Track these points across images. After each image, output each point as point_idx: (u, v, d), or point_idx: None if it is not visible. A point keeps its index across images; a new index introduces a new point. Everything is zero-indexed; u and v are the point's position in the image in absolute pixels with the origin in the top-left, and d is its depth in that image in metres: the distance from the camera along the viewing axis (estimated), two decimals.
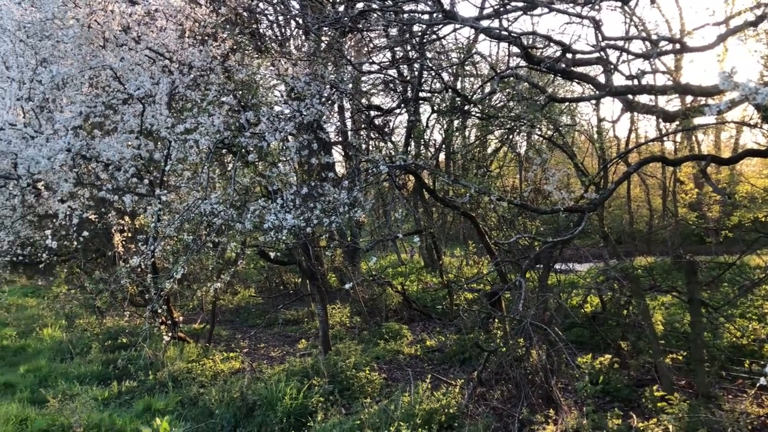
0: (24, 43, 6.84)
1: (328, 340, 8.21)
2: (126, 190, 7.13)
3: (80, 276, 11.19)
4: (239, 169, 6.31)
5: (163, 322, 8.51)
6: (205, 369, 7.98)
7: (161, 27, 7.27)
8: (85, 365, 8.50)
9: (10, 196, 9.10)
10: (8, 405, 6.73)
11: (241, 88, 6.97)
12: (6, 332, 10.76)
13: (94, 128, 7.65)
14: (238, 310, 12.63)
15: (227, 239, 6.03)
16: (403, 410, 5.75)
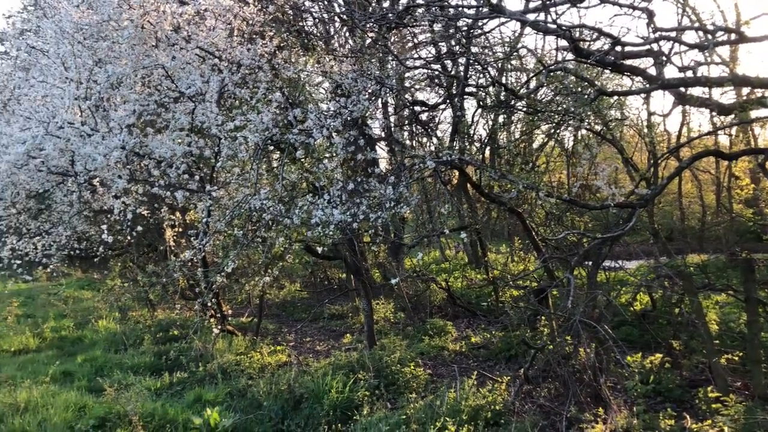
0: (82, 44, 7.08)
1: (373, 335, 8.26)
2: (177, 187, 7.30)
3: (133, 270, 11.54)
4: (286, 166, 6.40)
5: (213, 315, 8.70)
6: (252, 361, 8.14)
7: (211, 26, 7.42)
8: (138, 356, 8.77)
9: (67, 192, 9.44)
10: (68, 392, 7.01)
11: (288, 86, 7.07)
12: (64, 323, 11.19)
13: (146, 126, 7.87)
14: (284, 304, 12.82)
15: (275, 234, 6.13)
16: (449, 406, 5.75)
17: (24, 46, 8.52)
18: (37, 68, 8.24)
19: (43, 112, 7.19)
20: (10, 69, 10.30)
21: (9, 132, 7.32)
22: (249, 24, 7.78)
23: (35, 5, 10.52)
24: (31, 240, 9.77)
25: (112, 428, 5.98)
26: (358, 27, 6.80)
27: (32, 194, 9.56)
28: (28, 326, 10.98)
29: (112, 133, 7.08)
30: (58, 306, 12.59)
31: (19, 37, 9.26)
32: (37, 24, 8.66)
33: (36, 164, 7.83)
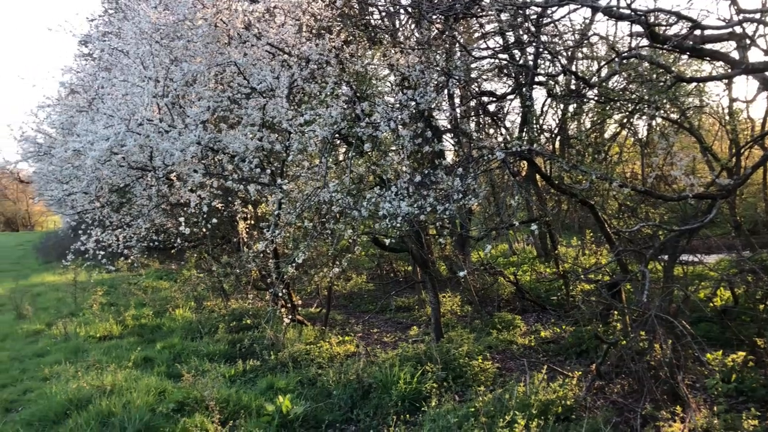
0: (159, 44, 7.38)
1: (440, 327, 8.26)
2: (250, 180, 7.53)
3: (208, 261, 11.97)
4: (354, 159, 6.48)
5: (284, 306, 8.93)
6: (322, 351, 8.30)
7: (280, 23, 7.58)
8: (213, 344, 9.09)
9: (146, 186, 9.87)
10: (149, 377, 7.36)
11: (355, 80, 7.14)
12: (144, 312, 11.74)
13: (220, 122, 8.13)
14: (351, 295, 12.99)
15: (344, 226, 6.22)
16: (518, 400, 5.69)
17: (107, 48, 8.96)
18: (118, 68, 8.67)
19: (125, 109, 7.55)
20: (94, 70, 10.87)
21: (94, 129, 7.71)
22: (317, 20, 7.90)
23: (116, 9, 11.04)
24: (113, 232, 10.27)
25: (190, 412, 6.24)
26: (425, 18, 6.78)
27: (114, 188, 10.05)
28: (112, 314, 11.59)
29: (188, 129, 7.37)
30: (138, 295, 13.22)
31: (103, 39, 9.75)
32: (118, 26, 9.11)
33: (118, 160, 8.25)
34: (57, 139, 10.20)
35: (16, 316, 12.48)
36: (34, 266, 23.61)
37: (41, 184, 17.06)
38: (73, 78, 11.37)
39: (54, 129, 11.45)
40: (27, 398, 7.36)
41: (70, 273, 13.90)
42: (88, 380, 7.12)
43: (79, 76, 11.38)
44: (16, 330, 11.20)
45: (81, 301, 12.96)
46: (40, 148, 11.41)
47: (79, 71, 13.72)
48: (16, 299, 13.11)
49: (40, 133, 11.49)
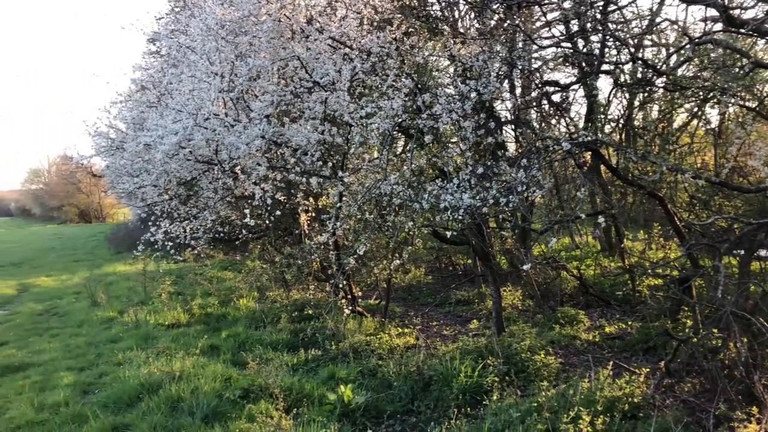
0: (224, 39, 7.56)
1: (501, 321, 8.17)
2: (312, 173, 7.63)
3: (271, 252, 12.23)
4: (415, 150, 6.46)
5: (344, 297, 9.02)
6: (381, 342, 8.35)
7: (341, 16, 7.63)
8: (276, 333, 9.29)
9: (212, 179, 10.15)
10: (215, 365, 7.60)
11: (415, 71, 7.11)
12: (210, 301, 12.11)
13: (282, 116, 8.27)
14: (409, 288, 13.01)
15: (404, 219, 6.22)
16: (582, 396, 5.57)
17: (175, 45, 9.25)
18: (185, 64, 8.93)
19: (192, 104, 7.77)
20: (162, 66, 11.26)
21: (163, 124, 7.97)
22: (378, 12, 7.91)
23: (183, 6, 11.36)
24: (181, 224, 10.62)
25: (256, 399, 6.41)
26: (488, 7, 6.68)
27: (182, 181, 10.39)
28: (179, 303, 12.01)
29: (252, 123, 7.53)
30: (204, 285, 13.64)
31: (171, 37, 10.07)
32: (186, 23, 9.37)
33: (185, 154, 8.50)
34: (128, 134, 10.61)
35: (91, 303, 13.12)
36: (106, 256, 24.73)
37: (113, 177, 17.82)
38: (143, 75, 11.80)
39: (125, 124, 11.93)
40: (103, 381, 7.72)
41: (140, 263, 14.48)
42: (159, 366, 7.41)
43: (148, 73, 11.81)
44: (92, 317, 11.77)
45: (150, 290, 13.48)
46: (112, 143, 11.90)
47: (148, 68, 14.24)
48: (90, 287, 13.77)
49: (113, 128, 11.99)
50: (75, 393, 7.28)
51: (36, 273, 20.32)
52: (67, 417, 6.38)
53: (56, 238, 38.02)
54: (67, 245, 32.08)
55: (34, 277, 19.17)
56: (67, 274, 19.61)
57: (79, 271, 19.89)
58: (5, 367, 8.61)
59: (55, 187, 64.54)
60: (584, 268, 11.45)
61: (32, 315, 12.88)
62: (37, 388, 7.56)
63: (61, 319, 12.43)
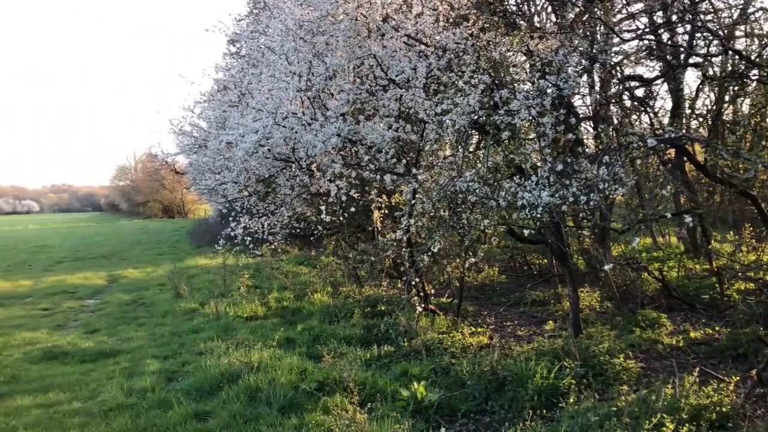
0: (303, 39, 7.73)
1: (579, 323, 7.95)
2: (386, 170, 7.69)
3: (344, 248, 12.41)
4: (491, 147, 6.39)
5: (417, 294, 9.03)
6: (454, 341, 8.31)
7: (417, 13, 7.65)
8: (349, 328, 9.42)
9: (289, 177, 10.40)
10: (291, 357, 7.78)
11: (492, 67, 7.02)
12: (286, 295, 12.42)
13: (357, 114, 8.37)
14: (482, 287, 12.88)
15: (480, 216, 6.16)
16: (665, 402, 5.34)
17: (255, 46, 9.55)
18: (264, 64, 9.19)
19: (271, 104, 7.99)
20: (242, 66, 11.63)
21: (244, 123, 8.24)
22: (453, 8, 7.87)
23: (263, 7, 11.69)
24: (259, 220, 10.93)
25: (330, 392, 6.52)
26: (568, 1, 6.51)
27: (260, 179, 10.71)
28: (257, 296, 12.37)
29: (328, 122, 7.66)
30: (280, 279, 14.00)
31: (251, 38, 10.39)
32: (266, 24, 9.65)
33: (263, 151, 8.75)
34: (211, 132, 11.02)
35: (174, 295, 13.73)
36: (188, 250, 25.81)
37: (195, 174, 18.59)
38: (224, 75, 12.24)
39: (207, 123, 12.41)
40: (185, 370, 8.07)
41: (219, 257, 15.03)
42: (238, 356, 7.66)
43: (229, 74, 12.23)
44: (175, 308, 12.31)
45: (229, 283, 13.97)
46: (195, 141, 12.42)
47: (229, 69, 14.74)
48: (174, 280, 14.40)
49: (196, 127, 12.51)
50: (160, 380, 7.63)
51: (124, 265, 21.47)
52: (153, 402, 6.70)
53: (142, 233, 40.03)
54: (152, 239, 33.72)
55: (122, 268, 20.26)
56: (152, 266, 20.60)
57: (163, 263, 20.85)
58: (98, 352, 9.15)
59: (141, 184, 68.00)
60: (667, 269, 10.98)
61: (121, 305, 13.61)
62: (126, 373, 7.98)
63: (147, 309, 13.07)
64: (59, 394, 7.24)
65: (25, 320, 12.03)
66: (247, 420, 6.02)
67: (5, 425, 6.25)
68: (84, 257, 24.99)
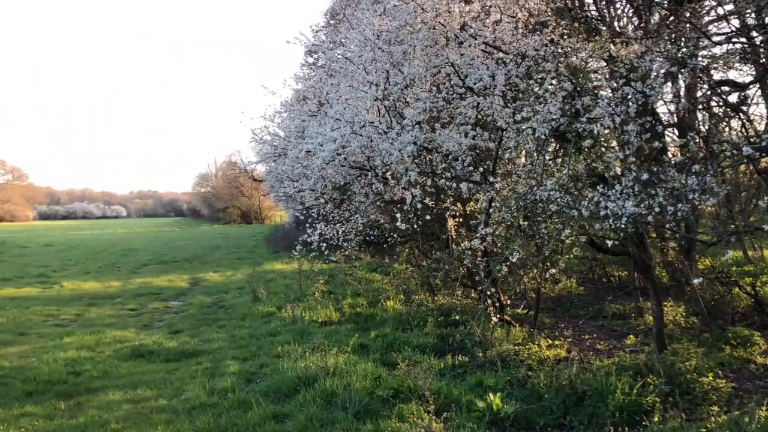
0: (381, 49, 7.84)
1: (663, 338, 7.63)
2: (462, 178, 7.66)
3: (418, 256, 12.42)
4: (573, 155, 6.25)
5: (492, 304, 8.92)
6: (531, 353, 8.14)
7: (495, 21, 7.59)
8: (423, 337, 9.40)
9: (364, 184, 10.53)
10: (365, 363, 7.85)
11: (572, 74, 6.88)
12: (359, 301, 12.55)
13: (433, 122, 8.39)
14: (559, 299, 12.57)
15: (562, 226, 6.03)
16: (759, 425, 5.04)
17: (333, 56, 9.78)
18: (341, 74, 9.37)
19: (349, 113, 8.14)
20: (319, 77, 11.91)
21: (322, 132, 8.43)
22: (533, 15, 7.77)
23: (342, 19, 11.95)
24: (334, 226, 11.11)
25: (405, 400, 6.53)
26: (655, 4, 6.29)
27: (336, 186, 10.91)
28: (331, 301, 12.57)
29: (404, 130, 7.72)
30: (353, 285, 14.16)
31: (330, 48, 10.62)
32: (344, 35, 9.85)
33: (340, 160, 8.91)
34: (291, 141, 11.33)
35: (252, 298, 14.15)
36: (265, 255, 26.54)
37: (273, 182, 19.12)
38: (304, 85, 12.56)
39: (286, 133, 12.78)
40: (263, 372, 8.29)
41: (295, 262, 15.37)
42: (314, 360, 7.80)
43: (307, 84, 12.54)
44: (253, 311, 12.69)
45: (305, 288, 14.25)
46: (275, 150, 12.80)
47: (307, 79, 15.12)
48: (252, 284, 14.85)
49: (276, 136, 12.90)
50: (240, 381, 7.87)
51: (205, 268, 22.33)
52: (233, 402, 6.92)
53: (221, 237, 41.51)
54: (231, 244, 34.90)
55: (204, 272, 21.07)
56: (231, 270, 21.32)
57: (242, 268, 21.54)
58: (181, 352, 9.55)
59: (221, 191, 70.64)
60: (760, 285, 10.35)
61: (202, 307, 14.16)
62: (208, 373, 8.28)
63: (226, 311, 13.54)
64: (146, 390, 7.60)
65: (115, 319, 12.72)
66: (324, 424, 6.12)
67: (98, 418, 6.62)
68: (168, 260, 26.17)
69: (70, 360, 8.98)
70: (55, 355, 9.17)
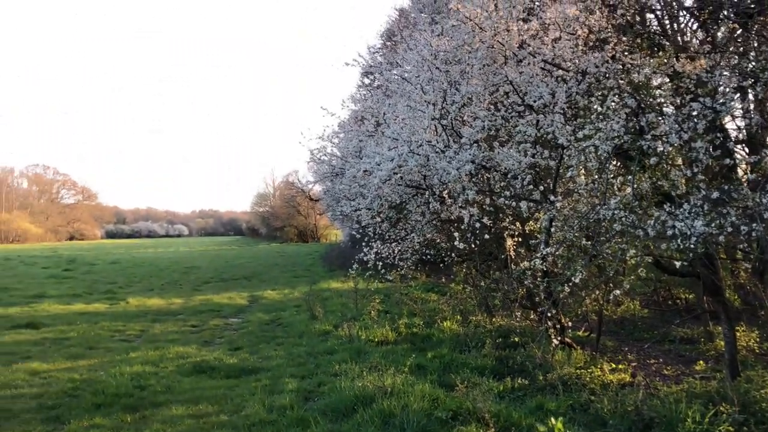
0: (438, 69, 7.88)
1: (736, 364, 7.26)
2: (522, 197, 7.56)
3: (475, 276, 12.28)
4: (637, 173, 6.07)
5: (553, 326, 8.71)
6: (593, 377, 7.89)
7: (554, 38, 7.51)
8: (481, 358, 9.25)
9: (421, 203, 10.54)
10: (422, 384, 7.77)
11: (635, 90, 6.72)
12: (415, 321, 12.48)
13: (491, 140, 8.34)
14: (621, 321, 12.17)
15: (627, 246, 5.84)
16: None
17: (391, 77, 9.89)
18: (398, 94, 9.46)
19: (406, 132, 8.18)
20: (376, 97, 12.05)
21: (380, 151, 8.49)
22: (593, 32, 7.65)
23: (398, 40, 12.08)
24: (390, 245, 11.12)
25: (464, 422, 6.41)
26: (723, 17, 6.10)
27: (392, 205, 10.95)
28: (387, 321, 12.54)
29: (462, 149, 7.69)
30: (409, 305, 14.11)
31: (388, 69, 10.75)
32: (402, 56, 9.95)
33: (396, 179, 8.96)
34: (348, 161, 11.47)
35: (309, 316, 14.28)
36: (321, 273, 26.81)
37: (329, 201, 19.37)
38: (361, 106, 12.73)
39: (343, 153, 12.96)
40: (321, 390, 8.32)
41: (351, 281, 15.45)
42: (371, 380, 7.78)
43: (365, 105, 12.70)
44: (310, 329, 12.80)
45: (361, 307, 14.29)
46: (333, 170, 12.98)
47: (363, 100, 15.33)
48: (309, 302, 15.00)
49: (333, 156, 13.09)
50: (298, 398, 7.92)
51: (263, 286, 22.73)
52: (292, 420, 6.96)
53: (279, 256, 42.25)
54: (288, 262, 35.45)
55: (262, 290, 21.44)
56: (288, 288, 21.63)
57: (299, 286, 21.82)
58: (241, 369, 9.70)
59: (279, 210, 72.14)
60: None
61: (261, 324, 14.38)
62: (267, 390, 8.38)
63: (284, 329, 13.70)
64: (208, 406, 7.74)
65: (178, 335, 13.07)
66: None
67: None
68: (228, 278, 26.78)
69: (136, 374, 9.26)
70: (122, 369, 9.47)
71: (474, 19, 6.83)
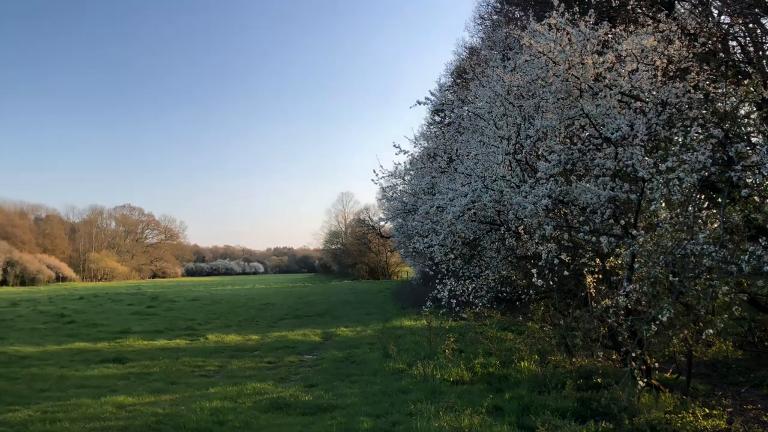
0: (511, 104, 7.84)
1: None
2: (602, 232, 7.32)
3: (554, 315, 11.89)
4: (727, 206, 5.77)
5: (638, 367, 8.29)
6: (685, 422, 7.41)
7: (631, 70, 7.35)
8: (561, 400, 8.88)
9: (495, 239, 10.39)
10: (501, 425, 7.54)
11: (722, 120, 6.45)
12: (491, 361, 12.18)
13: (568, 174, 8.17)
14: (713, 363, 11.42)
15: (718, 282, 5.53)
16: None
17: (462, 113, 9.91)
18: (470, 130, 9.46)
19: (479, 168, 8.15)
20: (448, 134, 12.10)
21: (453, 187, 8.48)
22: (672, 62, 7.45)
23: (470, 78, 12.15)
24: (464, 283, 10.99)
25: None
26: None
27: (466, 242, 10.85)
28: (462, 360, 12.30)
29: (538, 183, 7.57)
30: (485, 344, 13.80)
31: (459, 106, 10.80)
32: (474, 93, 9.99)
33: (469, 215, 8.89)
34: (420, 197, 11.50)
35: (383, 354, 14.21)
36: (393, 311, 26.74)
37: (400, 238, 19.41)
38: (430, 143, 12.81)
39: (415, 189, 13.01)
40: (396, 430, 8.20)
41: (423, 318, 15.31)
42: (448, 420, 7.62)
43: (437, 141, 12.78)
44: (384, 367, 12.71)
45: (434, 346, 14.09)
46: (405, 206, 13.04)
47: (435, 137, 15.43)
48: (382, 339, 14.95)
49: (405, 193, 13.17)
50: None
51: (336, 323, 22.87)
52: None
53: (351, 293, 42.52)
54: (360, 299, 35.60)
55: (335, 327, 21.58)
56: (361, 326, 21.67)
57: (371, 323, 21.82)
58: (316, 406, 9.73)
59: (350, 247, 73.01)
60: None
61: (334, 361, 14.42)
62: (342, 428, 8.34)
63: (358, 366, 13.67)
64: None
65: (254, 372, 13.28)
66: None
67: None
68: (302, 315, 27.14)
69: (215, 410, 9.44)
70: (202, 405, 9.69)
71: (548, 54, 6.79)
